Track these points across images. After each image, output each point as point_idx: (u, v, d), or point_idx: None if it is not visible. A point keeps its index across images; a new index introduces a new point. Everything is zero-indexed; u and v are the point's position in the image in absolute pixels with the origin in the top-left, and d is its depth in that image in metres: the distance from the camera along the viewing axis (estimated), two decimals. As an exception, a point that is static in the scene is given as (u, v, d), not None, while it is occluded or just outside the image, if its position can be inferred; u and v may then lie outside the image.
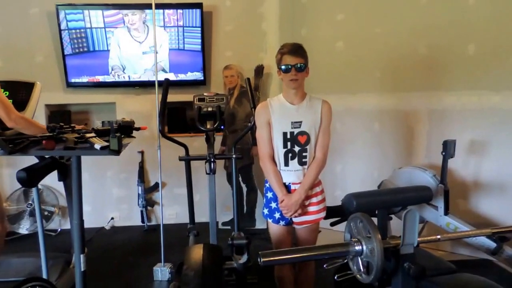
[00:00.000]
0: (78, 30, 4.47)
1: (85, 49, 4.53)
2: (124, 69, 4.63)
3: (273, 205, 2.44)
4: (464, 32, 3.58)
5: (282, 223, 2.44)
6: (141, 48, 4.61)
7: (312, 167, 2.37)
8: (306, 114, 2.35)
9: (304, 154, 2.36)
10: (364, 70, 4.15)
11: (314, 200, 2.41)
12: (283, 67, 2.30)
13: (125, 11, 4.49)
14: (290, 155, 2.36)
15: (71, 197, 2.39)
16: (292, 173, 2.38)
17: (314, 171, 2.37)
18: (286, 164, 2.37)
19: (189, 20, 4.58)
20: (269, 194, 2.46)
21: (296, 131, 2.34)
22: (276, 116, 2.37)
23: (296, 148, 2.35)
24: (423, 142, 3.90)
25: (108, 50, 4.56)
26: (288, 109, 2.36)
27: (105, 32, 4.52)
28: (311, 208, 2.41)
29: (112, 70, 4.62)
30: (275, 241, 2.52)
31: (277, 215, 2.43)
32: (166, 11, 4.52)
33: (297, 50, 2.31)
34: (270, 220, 2.48)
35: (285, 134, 2.35)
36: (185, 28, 4.61)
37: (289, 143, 2.35)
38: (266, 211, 2.49)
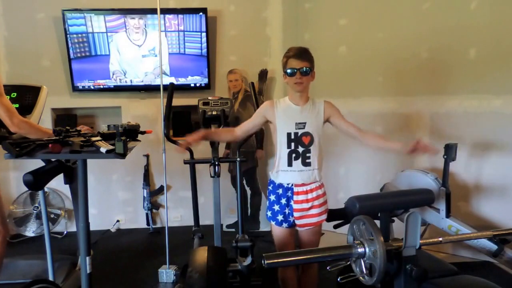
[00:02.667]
0: (80, 35, 4.52)
1: (87, 53, 4.57)
2: (125, 74, 4.67)
3: (276, 207, 2.46)
4: (465, 36, 3.60)
5: (285, 225, 2.46)
6: (140, 52, 4.65)
7: (373, 135, 2.59)
8: (310, 116, 2.38)
9: (307, 155, 2.38)
10: (367, 74, 4.17)
11: (316, 202, 2.42)
12: (288, 70, 2.33)
13: (126, 16, 4.54)
14: (294, 155, 2.38)
15: (77, 200, 2.41)
16: (295, 174, 2.39)
17: (377, 135, 2.61)
18: (290, 164, 2.39)
19: (190, 25, 4.63)
20: (272, 197, 2.48)
21: (300, 132, 2.37)
22: (280, 116, 2.40)
23: (300, 149, 2.38)
24: (425, 145, 3.91)
25: (110, 54, 4.62)
26: (293, 110, 2.39)
27: (107, 37, 4.57)
28: (313, 211, 2.42)
29: (114, 74, 4.66)
30: (278, 243, 2.54)
31: (280, 217, 2.45)
32: (167, 16, 4.57)
33: (302, 53, 2.34)
34: (273, 223, 2.50)
35: (289, 134, 2.37)
36: (186, 32, 4.65)
37: (293, 144, 2.38)
38: (269, 213, 2.50)
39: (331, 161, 4.33)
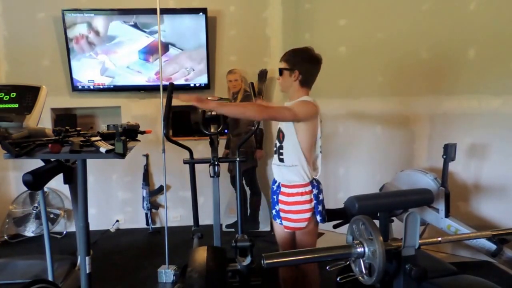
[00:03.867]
0: (81, 35, 4.51)
1: (88, 53, 4.57)
2: (126, 73, 4.66)
3: (271, 201, 2.56)
4: (464, 37, 3.60)
5: (278, 221, 2.50)
6: (140, 51, 4.66)
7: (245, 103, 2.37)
8: None
9: (281, 151, 2.41)
10: (366, 75, 4.17)
11: (293, 208, 2.39)
12: None
13: (126, 16, 4.54)
14: (275, 149, 2.47)
15: (76, 200, 2.41)
16: (275, 167, 2.47)
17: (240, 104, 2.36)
18: (274, 157, 2.49)
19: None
20: (270, 190, 2.59)
21: (280, 127, 2.44)
22: None
23: (277, 144, 2.44)
24: (424, 145, 3.92)
25: (110, 54, 4.61)
26: None
27: (107, 36, 4.57)
28: (290, 215, 2.41)
29: (115, 74, 4.65)
30: (277, 238, 2.61)
31: (273, 211, 2.52)
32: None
33: (283, 55, 2.39)
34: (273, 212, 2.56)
35: (278, 129, 2.45)
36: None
37: (277, 138, 2.46)
38: (274, 211, 2.54)
39: (331, 161, 4.33)
